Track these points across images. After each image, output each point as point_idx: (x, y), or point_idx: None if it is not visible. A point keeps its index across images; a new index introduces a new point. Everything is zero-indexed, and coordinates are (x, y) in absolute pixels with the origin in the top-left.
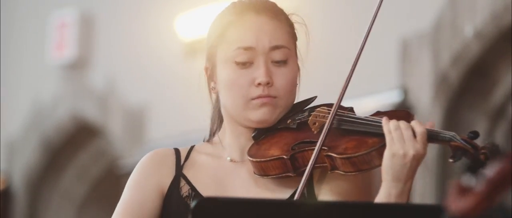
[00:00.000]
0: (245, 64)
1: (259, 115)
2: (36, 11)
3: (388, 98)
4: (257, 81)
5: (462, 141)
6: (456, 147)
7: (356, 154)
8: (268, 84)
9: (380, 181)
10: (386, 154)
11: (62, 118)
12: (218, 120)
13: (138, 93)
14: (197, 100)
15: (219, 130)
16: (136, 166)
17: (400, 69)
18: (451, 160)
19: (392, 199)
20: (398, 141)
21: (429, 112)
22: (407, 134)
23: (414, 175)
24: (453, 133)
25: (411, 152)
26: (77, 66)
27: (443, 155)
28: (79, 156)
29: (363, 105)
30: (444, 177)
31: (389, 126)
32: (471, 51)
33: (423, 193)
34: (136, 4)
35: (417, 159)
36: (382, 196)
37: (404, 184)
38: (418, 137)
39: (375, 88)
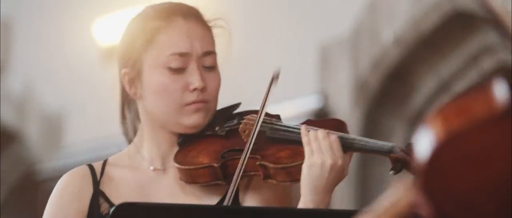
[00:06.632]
0: (178, 70)
1: (193, 120)
2: None
3: (308, 104)
4: (192, 86)
5: (402, 152)
6: (396, 159)
7: (292, 164)
8: (203, 89)
9: (298, 196)
10: (305, 165)
11: None
12: (133, 128)
13: (55, 98)
14: (114, 105)
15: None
16: (52, 194)
17: (319, 75)
18: (391, 172)
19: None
20: (317, 151)
21: (348, 117)
22: (325, 144)
23: (332, 188)
24: (393, 144)
25: (329, 161)
26: None
27: (362, 164)
28: None
29: (283, 110)
30: (364, 186)
31: (308, 137)
32: (390, 57)
33: (341, 201)
34: (54, 9)
35: (336, 170)
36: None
37: (323, 197)
38: (333, 146)
39: (294, 94)
